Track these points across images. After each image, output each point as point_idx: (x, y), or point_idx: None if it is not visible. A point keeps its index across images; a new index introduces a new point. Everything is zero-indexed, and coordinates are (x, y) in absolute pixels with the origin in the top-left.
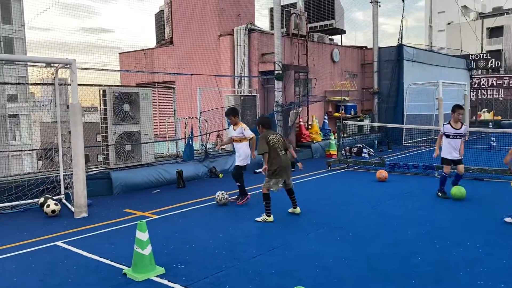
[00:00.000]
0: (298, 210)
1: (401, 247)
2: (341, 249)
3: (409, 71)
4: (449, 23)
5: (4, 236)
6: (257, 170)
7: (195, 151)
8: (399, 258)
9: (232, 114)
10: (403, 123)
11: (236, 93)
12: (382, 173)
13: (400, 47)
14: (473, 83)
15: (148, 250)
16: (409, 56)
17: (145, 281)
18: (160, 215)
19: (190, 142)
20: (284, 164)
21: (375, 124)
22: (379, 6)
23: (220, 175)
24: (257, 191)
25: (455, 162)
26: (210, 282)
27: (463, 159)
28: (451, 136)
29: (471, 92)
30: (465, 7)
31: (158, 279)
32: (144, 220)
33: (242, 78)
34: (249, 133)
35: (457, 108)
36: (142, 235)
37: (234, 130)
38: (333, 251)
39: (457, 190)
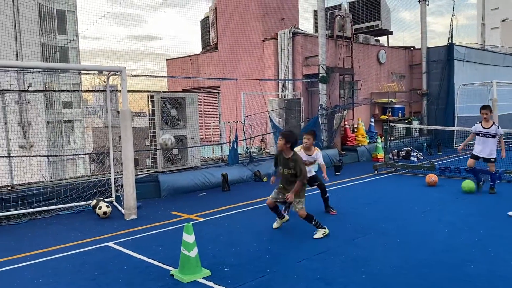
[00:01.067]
0: (287, 217)
1: (452, 255)
2: (388, 256)
3: (460, 71)
4: (503, 20)
5: (60, 236)
6: None
7: (239, 155)
8: (450, 266)
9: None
10: (454, 125)
11: (280, 97)
12: (431, 177)
13: (450, 46)
14: None
15: (194, 252)
16: (460, 56)
17: (191, 283)
18: (206, 217)
19: (235, 146)
20: None
21: (424, 126)
22: (428, 5)
23: (264, 178)
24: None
25: (485, 160)
26: (255, 285)
27: (493, 158)
28: (480, 134)
29: None
30: None
31: (204, 281)
32: (191, 223)
33: (286, 81)
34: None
35: (481, 108)
36: (189, 238)
37: (310, 155)
38: (380, 257)
39: (465, 184)
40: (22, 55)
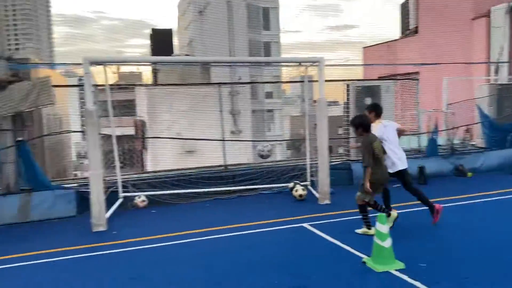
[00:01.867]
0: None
1: None
2: None
3: None
4: None
5: (261, 213)
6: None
7: (439, 147)
8: None
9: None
10: None
11: (491, 82)
12: None
13: None
14: None
15: (388, 243)
16: None
17: (384, 273)
18: (400, 210)
19: (434, 136)
20: (385, 176)
21: None
22: None
23: (468, 174)
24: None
25: None
26: (452, 287)
27: None
28: None
29: None
30: None
31: (397, 273)
32: (384, 214)
33: (500, 64)
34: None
35: None
36: (383, 228)
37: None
38: None
39: None
40: (234, 51)
